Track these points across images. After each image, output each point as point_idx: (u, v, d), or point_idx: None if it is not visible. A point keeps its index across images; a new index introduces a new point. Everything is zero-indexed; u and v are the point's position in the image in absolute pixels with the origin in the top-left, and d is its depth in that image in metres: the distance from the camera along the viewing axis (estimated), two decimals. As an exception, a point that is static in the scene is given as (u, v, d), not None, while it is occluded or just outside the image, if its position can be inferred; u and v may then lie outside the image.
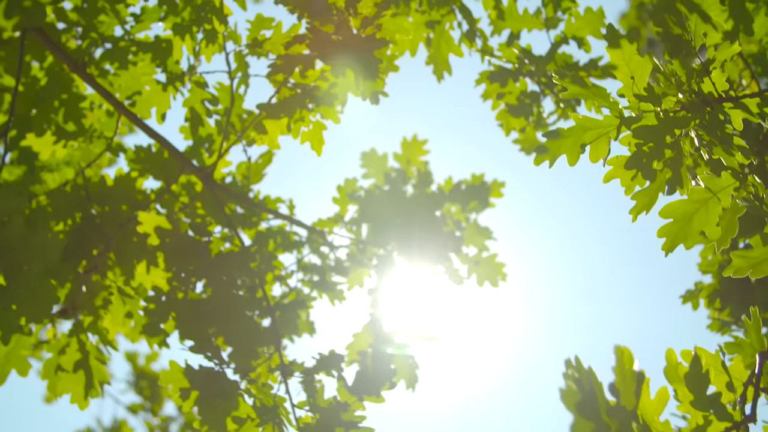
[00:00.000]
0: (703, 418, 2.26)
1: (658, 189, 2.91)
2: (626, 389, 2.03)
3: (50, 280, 3.41)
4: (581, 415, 1.94)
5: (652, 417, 2.18)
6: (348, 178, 4.95)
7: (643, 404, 2.16)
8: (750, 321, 2.51)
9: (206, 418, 3.57)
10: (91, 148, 4.21)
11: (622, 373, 2.02)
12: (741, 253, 2.73)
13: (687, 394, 2.26)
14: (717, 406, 2.26)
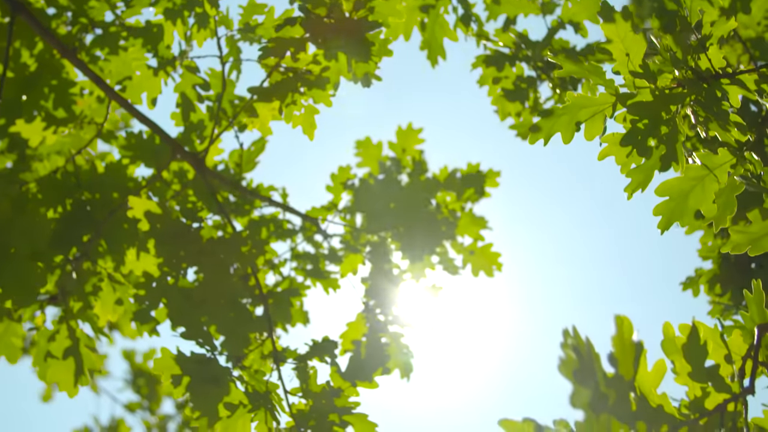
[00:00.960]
0: (701, 389, 2.22)
1: (654, 166, 2.87)
2: (625, 359, 1.99)
3: (37, 263, 3.37)
4: (579, 384, 1.90)
5: (650, 389, 2.15)
6: (342, 165, 4.91)
7: (640, 376, 2.12)
8: (751, 294, 2.47)
9: (198, 404, 3.54)
10: (82, 135, 4.16)
11: (622, 342, 1.98)
12: (739, 228, 2.70)
13: (685, 365, 2.23)
14: (715, 377, 2.22)
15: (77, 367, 3.79)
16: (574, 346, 1.93)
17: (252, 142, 4.53)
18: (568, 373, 1.90)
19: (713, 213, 2.82)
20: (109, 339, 3.89)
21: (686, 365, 2.23)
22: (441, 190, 5.08)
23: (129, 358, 9.07)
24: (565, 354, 1.90)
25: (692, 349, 2.23)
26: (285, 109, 3.80)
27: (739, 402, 2.21)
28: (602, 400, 1.94)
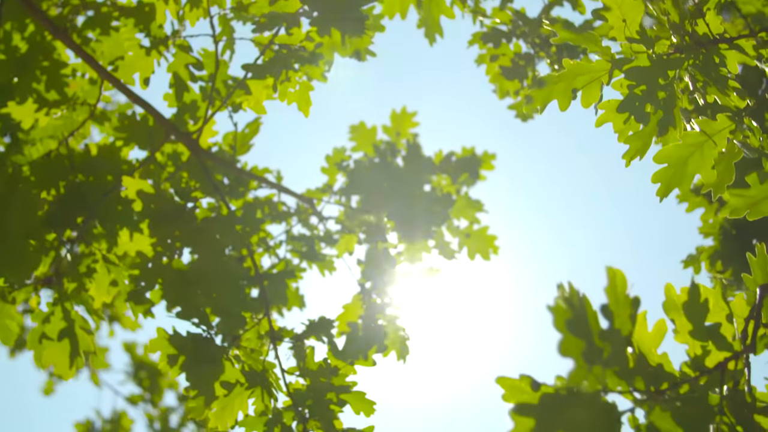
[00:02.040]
0: (701, 348, 2.19)
1: (652, 133, 2.85)
2: (620, 313, 1.97)
3: (30, 241, 3.34)
4: (571, 333, 1.87)
5: (650, 349, 2.12)
6: (336, 147, 4.88)
7: (639, 335, 2.10)
8: (754, 258, 2.45)
9: (194, 383, 3.51)
10: (74, 117, 4.13)
11: (615, 295, 1.95)
12: (737, 192, 2.67)
13: (685, 323, 2.20)
14: (716, 336, 2.20)
15: (72, 348, 3.75)
16: (567, 299, 1.91)
17: (246, 124, 4.49)
18: (560, 322, 1.88)
19: (712, 179, 2.79)
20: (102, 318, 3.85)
21: (687, 323, 2.20)
22: (436, 173, 5.06)
23: (130, 350, 9.06)
24: (556, 303, 1.87)
25: (693, 307, 2.20)
26: (279, 86, 3.78)
27: (740, 360, 2.19)
28: (596, 351, 1.92)
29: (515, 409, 1.96)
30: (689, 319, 2.20)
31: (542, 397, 1.96)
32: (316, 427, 3.47)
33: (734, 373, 2.17)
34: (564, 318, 1.89)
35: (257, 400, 3.49)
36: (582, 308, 1.93)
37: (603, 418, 1.99)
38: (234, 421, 3.52)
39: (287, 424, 3.49)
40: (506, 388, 2.00)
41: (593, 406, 1.98)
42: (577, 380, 1.93)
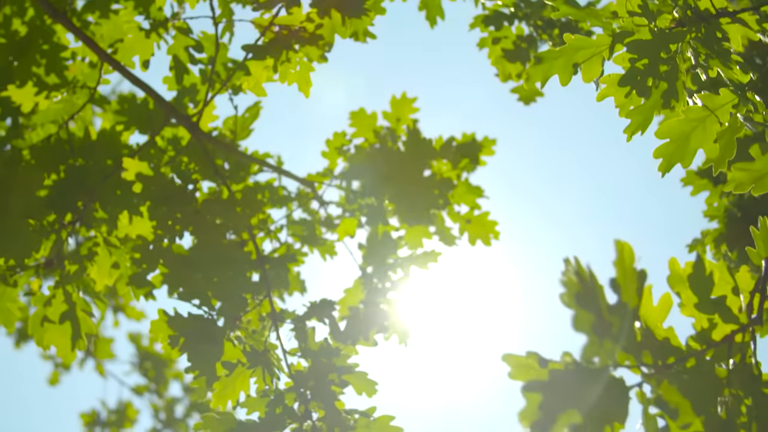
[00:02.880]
0: (707, 320, 2.18)
1: (654, 107, 2.83)
2: (627, 286, 1.95)
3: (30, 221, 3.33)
4: (581, 307, 1.86)
5: (656, 323, 2.11)
6: (337, 131, 4.86)
7: (645, 308, 2.08)
8: (758, 232, 2.43)
9: (195, 363, 3.51)
10: (74, 100, 4.12)
11: (623, 268, 1.94)
12: (741, 165, 2.65)
13: (691, 296, 2.18)
14: (722, 308, 2.18)
15: (74, 331, 3.74)
16: (576, 272, 1.89)
17: (246, 108, 4.47)
18: (570, 296, 1.86)
19: (714, 154, 2.78)
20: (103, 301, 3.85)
21: (692, 296, 2.19)
22: (436, 159, 5.04)
23: (135, 341, 9.08)
24: (566, 277, 1.86)
25: (698, 280, 2.19)
26: (279, 67, 3.76)
27: (746, 333, 2.17)
28: (605, 326, 1.90)
29: (526, 386, 1.95)
30: (695, 292, 2.19)
31: (551, 373, 1.95)
32: (318, 407, 3.46)
33: (741, 346, 2.16)
34: (574, 291, 1.88)
35: (258, 380, 3.48)
36: (591, 282, 1.92)
37: (612, 393, 1.98)
38: (236, 401, 3.51)
39: (289, 405, 3.47)
40: (513, 366, 1.98)
41: (602, 382, 1.97)
42: (590, 355, 1.92)
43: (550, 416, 1.89)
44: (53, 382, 8.93)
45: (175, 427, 8.96)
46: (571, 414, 1.93)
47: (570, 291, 1.85)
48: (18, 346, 8.65)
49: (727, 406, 2.02)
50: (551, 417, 1.89)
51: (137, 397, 9.08)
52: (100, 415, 8.94)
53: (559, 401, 1.90)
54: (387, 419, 3.43)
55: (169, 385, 9.11)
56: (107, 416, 8.92)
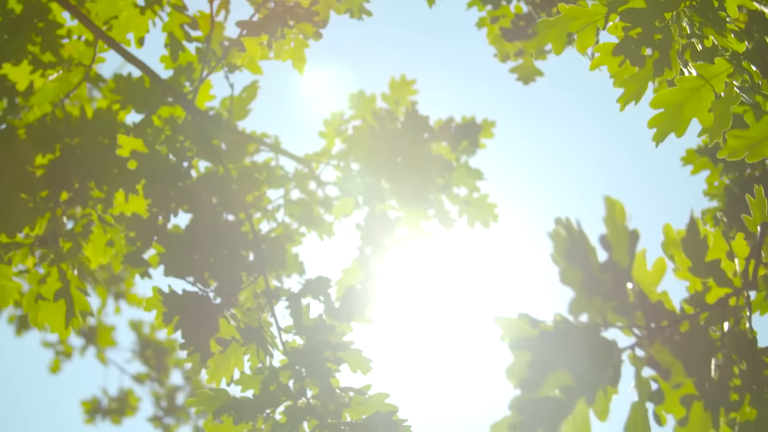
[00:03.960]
0: (701, 284, 2.16)
1: (648, 77, 2.81)
2: (619, 244, 1.93)
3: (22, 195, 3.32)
4: (570, 263, 1.84)
5: (650, 288, 2.08)
6: (334, 111, 4.84)
7: (638, 271, 2.06)
8: (753, 200, 2.41)
9: (189, 340, 3.49)
10: (70, 78, 4.10)
11: (614, 225, 1.91)
12: (736, 132, 2.62)
13: (684, 260, 2.16)
14: (716, 272, 2.16)
15: (68, 308, 3.73)
16: (566, 227, 1.87)
17: (243, 88, 4.46)
18: (558, 253, 1.84)
19: (709, 123, 2.75)
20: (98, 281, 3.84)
21: (686, 260, 2.16)
22: (436, 141, 5.02)
23: (136, 329, 9.07)
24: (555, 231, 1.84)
25: (692, 243, 2.16)
26: (274, 44, 3.74)
27: (741, 297, 2.15)
28: (595, 283, 1.88)
29: (514, 343, 1.92)
30: (688, 256, 2.17)
31: (541, 332, 1.93)
32: (313, 385, 3.45)
33: (735, 310, 2.13)
34: (563, 246, 1.86)
35: (252, 357, 3.47)
36: (581, 237, 1.89)
37: (604, 355, 1.96)
38: (230, 378, 3.50)
39: (284, 382, 3.46)
40: (504, 328, 1.96)
41: (593, 341, 1.95)
42: (578, 311, 1.89)
43: (539, 375, 1.87)
44: (54, 369, 8.93)
45: (176, 415, 8.96)
46: (562, 374, 1.91)
47: (558, 245, 1.82)
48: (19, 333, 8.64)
49: (720, 369, 2.00)
50: (540, 376, 1.87)
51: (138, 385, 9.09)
52: (102, 402, 8.94)
53: (548, 360, 1.88)
54: (382, 397, 3.42)
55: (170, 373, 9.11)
56: (108, 404, 8.92)
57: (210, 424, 3.38)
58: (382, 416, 3.35)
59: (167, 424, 8.94)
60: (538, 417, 1.89)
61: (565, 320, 1.90)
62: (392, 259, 4.54)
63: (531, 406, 1.90)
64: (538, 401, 1.90)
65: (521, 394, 1.91)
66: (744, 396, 1.99)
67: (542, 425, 1.89)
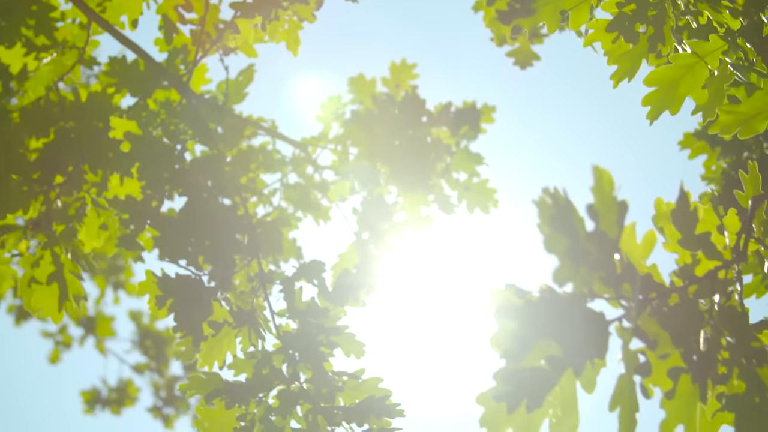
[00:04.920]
0: (691, 257, 2.13)
1: (642, 54, 2.79)
2: (607, 214, 1.90)
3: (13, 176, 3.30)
4: (555, 230, 1.81)
5: (639, 261, 2.05)
6: (332, 95, 4.81)
7: (627, 244, 2.03)
8: (746, 175, 2.38)
9: (181, 323, 3.47)
10: (64, 61, 4.08)
11: (602, 195, 1.88)
12: (728, 107, 2.59)
13: (674, 232, 2.13)
14: (706, 244, 2.13)
15: (62, 292, 3.71)
16: (552, 196, 1.84)
17: (239, 72, 4.43)
18: (543, 221, 1.81)
19: (704, 100, 2.73)
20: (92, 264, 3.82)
21: (675, 232, 2.13)
22: (435, 126, 4.99)
23: (136, 319, 9.06)
24: (541, 199, 1.81)
25: (682, 215, 2.13)
26: (268, 26, 3.72)
27: (730, 270, 2.12)
28: (582, 252, 1.85)
29: (498, 312, 1.90)
30: (678, 228, 2.14)
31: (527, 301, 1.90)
32: (306, 369, 3.42)
33: (725, 283, 2.11)
34: (548, 214, 1.83)
35: (244, 339, 3.45)
36: (567, 206, 1.86)
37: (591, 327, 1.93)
38: (222, 361, 3.47)
39: (277, 366, 3.44)
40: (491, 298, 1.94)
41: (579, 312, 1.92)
42: (562, 279, 1.87)
43: (524, 344, 1.85)
44: (54, 360, 8.93)
45: (175, 405, 8.95)
46: (548, 345, 1.89)
47: (543, 213, 1.79)
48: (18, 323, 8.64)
49: (708, 341, 1.97)
50: (525, 345, 1.85)
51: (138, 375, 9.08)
52: (101, 393, 8.94)
53: (534, 329, 1.85)
54: (376, 381, 3.40)
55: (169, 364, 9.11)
56: (108, 394, 8.91)
57: (202, 408, 3.36)
58: (376, 400, 3.33)
59: (167, 414, 8.93)
60: (523, 388, 1.86)
61: (550, 290, 1.87)
62: (390, 244, 4.51)
63: (516, 376, 1.87)
64: (523, 372, 1.88)
65: (506, 364, 1.89)
66: (732, 369, 1.96)
67: (527, 396, 1.86)
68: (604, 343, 1.93)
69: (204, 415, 3.35)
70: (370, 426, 3.29)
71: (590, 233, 1.87)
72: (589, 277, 1.88)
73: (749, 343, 1.99)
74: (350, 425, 3.32)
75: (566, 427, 1.93)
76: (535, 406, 1.87)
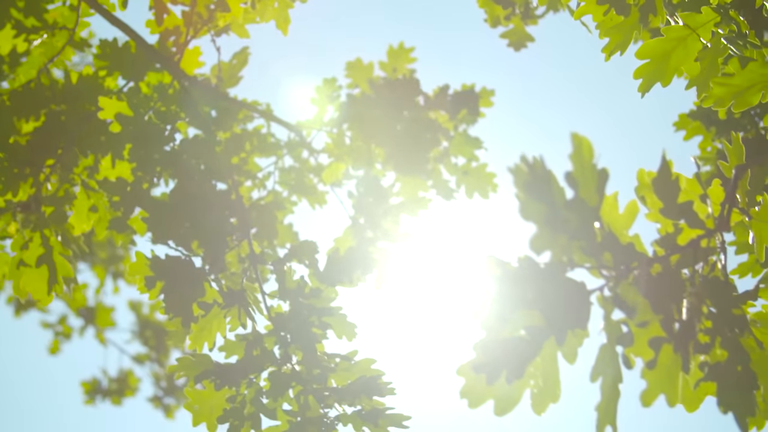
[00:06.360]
0: (673, 226, 2.08)
1: (633, 27, 2.75)
2: (586, 182, 1.85)
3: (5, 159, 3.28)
4: (531, 197, 1.76)
5: (621, 231, 2.01)
6: (327, 78, 4.76)
7: (609, 214, 1.99)
8: (730, 146, 2.34)
9: (171, 304, 3.44)
10: (54, 43, 4.04)
11: (581, 163, 1.84)
12: (721, 80, 2.55)
13: (656, 201, 2.09)
14: (688, 213, 2.08)
15: (51, 275, 3.68)
16: (528, 163, 1.80)
17: (233, 55, 4.39)
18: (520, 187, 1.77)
19: (695, 72, 2.68)
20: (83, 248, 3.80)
21: (657, 201, 2.09)
22: (433, 110, 4.94)
23: (136, 309, 9.04)
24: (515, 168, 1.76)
25: (663, 184, 2.09)
26: (258, 3, 3.68)
27: (713, 239, 2.08)
28: (560, 219, 1.81)
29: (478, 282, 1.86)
30: (660, 197, 2.09)
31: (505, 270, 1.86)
32: (298, 350, 3.39)
33: (707, 251, 2.06)
34: (523, 180, 1.78)
35: (233, 320, 3.41)
36: (544, 173, 1.82)
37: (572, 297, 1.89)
38: (212, 343, 3.44)
39: (268, 348, 3.40)
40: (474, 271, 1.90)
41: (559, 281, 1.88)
42: (540, 246, 1.82)
43: (503, 315, 1.81)
44: (54, 350, 8.91)
45: (176, 396, 8.93)
46: (529, 315, 1.85)
47: (519, 180, 1.75)
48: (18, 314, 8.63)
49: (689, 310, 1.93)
50: (504, 316, 1.81)
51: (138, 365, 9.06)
52: (102, 383, 8.91)
53: (513, 299, 1.81)
54: (368, 362, 3.36)
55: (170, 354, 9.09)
56: (108, 385, 8.89)
57: (191, 390, 3.32)
58: (367, 380, 3.29)
59: (167, 404, 8.91)
60: (503, 358, 1.83)
61: (529, 259, 1.83)
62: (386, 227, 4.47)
63: (496, 347, 1.83)
64: (503, 342, 1.84)
65: (486, 335, 1.85)
66: (715, 338, 1.92)
67: (507, 366, 1.82)
68: (585, 313, 1.89)
69: (194, 396, 3.31)
70: (362, 406, 3.25)
71: (569, 201, 1.83)
72: (569, 245, 1.84)
73: (732, 312, 1.95)
74: (342, 406, 3.29)
75: (548, 398, 1.89)
76: (516, 376, 1.84)
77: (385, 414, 3.23)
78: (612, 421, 1.86)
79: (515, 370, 1.84)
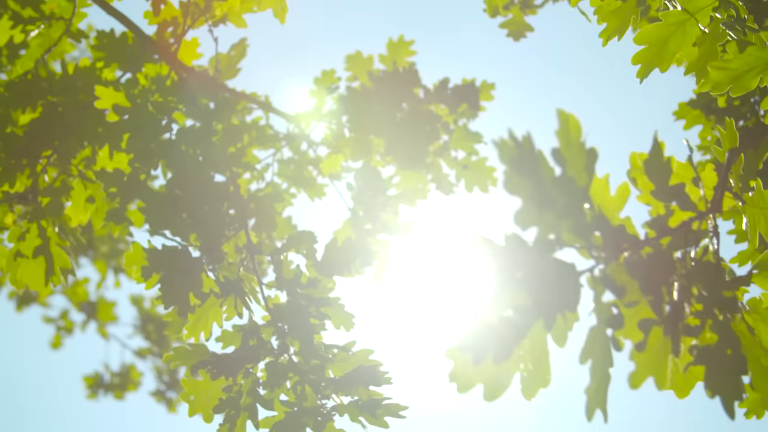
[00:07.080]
0: (664, 208, 2.06)
1: (631, 12, 2.73)
2: (574, 160, 1.83)
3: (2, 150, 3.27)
4: (516, 171, 1.74)
5: (612, 213, 1.98)
6: (326, 69, 4.74)
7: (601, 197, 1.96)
8: (724, 131, 2.31)
9: (167, 294, 3.42)
10: (51, 33, 4.03)
11: (567, 140, 1.81)
12: (719, 64, 2.52)
13: (647, 183, 2.06)
14: (680, 195, 2.06)
15: (48, 266, 3.67)
16: (515, 139, 1.77)
17: (232, 46, 4.38)
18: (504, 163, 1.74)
19: (694, 56, 2.66)
20: (80, 239, 3.78)
21: (648, 183, 2.06)
22: (433, 103, 4.92)
23: (137, 303, 9.04)
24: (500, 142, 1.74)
25: (655, 165, 2.06)
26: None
27: (704, 222, 2.05)
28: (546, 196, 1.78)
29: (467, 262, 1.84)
30: (651, 179, 2.07)
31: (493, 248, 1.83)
32: (295, 341, 3.37)
33: (698, 234, 2.04)
34: (509, 155, 1.76)
35: (229, 309, 3.39)
36: (531, 149, 1.79)
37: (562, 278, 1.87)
38: (209, 333, 3.42)
39: (266, 339, 3.38)
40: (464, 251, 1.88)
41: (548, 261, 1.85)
42: (525, 222, 1.79)
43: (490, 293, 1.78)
44: (56, 345, 8.91)
45: (178, 390, 8.93)
46: (516, 295, 1.82)
47: (504, 154, 1.72)
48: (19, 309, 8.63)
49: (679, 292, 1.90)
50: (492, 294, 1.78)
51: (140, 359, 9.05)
52: (104, 377, 8.91)
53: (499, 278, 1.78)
54: (366, 353, 3.34)
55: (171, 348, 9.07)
56: (110, 379, 8.89)
57: (187, 380, 3.31)
58: (365, 370, 3.27)
59: (170, 398, 8.91)
60: (489, 338, 1.80)
61: (516, 236, 1.80)
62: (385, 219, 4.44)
63: (483, 328, 1.81)
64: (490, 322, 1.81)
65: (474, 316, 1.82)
66: (705, 321, 1.90)
67: (494, 347, 1.80)
68: (575, 295, 1.87)
69: (190, 386, 3.30)
70: (359, 397, 3.23)
71: (556, 179, 1.80)
72: (556, 223, 1.81)
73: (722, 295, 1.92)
74: (339, 397, 3.27)
75: (537, 382, 1.87)
76: (502, 357, 1.81)
77: (383, 404, 3.21)
78: (602, 405, 1.84)
79: (502, 350, 1.82)
